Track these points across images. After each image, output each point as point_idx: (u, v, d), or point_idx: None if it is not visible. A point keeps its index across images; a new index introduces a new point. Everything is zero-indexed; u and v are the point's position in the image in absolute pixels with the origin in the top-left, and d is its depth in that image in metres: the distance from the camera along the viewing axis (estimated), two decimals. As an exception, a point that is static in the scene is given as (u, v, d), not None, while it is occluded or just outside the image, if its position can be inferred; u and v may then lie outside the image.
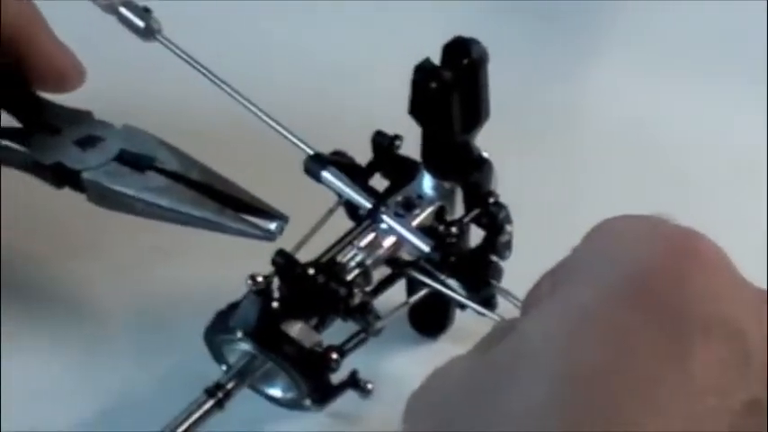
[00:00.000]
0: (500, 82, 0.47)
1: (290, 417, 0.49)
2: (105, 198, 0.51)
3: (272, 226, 0.49)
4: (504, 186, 0.49)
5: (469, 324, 0.48)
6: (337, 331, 0.47)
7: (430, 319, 0.54)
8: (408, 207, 0.49)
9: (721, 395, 0.31)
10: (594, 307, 0.33)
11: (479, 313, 0.47)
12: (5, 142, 0.52)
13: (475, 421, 0.33)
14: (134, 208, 0.50)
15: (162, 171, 0.51)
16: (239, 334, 0.46)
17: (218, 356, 0.48)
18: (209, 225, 0.50)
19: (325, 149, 0.50)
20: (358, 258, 0.47)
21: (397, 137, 0.50)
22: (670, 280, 0.33)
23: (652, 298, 0.32)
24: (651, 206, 0.36)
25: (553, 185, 0.61)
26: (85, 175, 0.51)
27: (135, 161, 0.51)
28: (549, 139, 0.64)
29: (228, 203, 0.50)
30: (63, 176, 0.51)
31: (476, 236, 0.50)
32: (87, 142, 0.52)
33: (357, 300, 0.46)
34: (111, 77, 0.57)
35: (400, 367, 0.53)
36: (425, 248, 0.47)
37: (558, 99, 0.65)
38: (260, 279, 0.45)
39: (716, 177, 0.62)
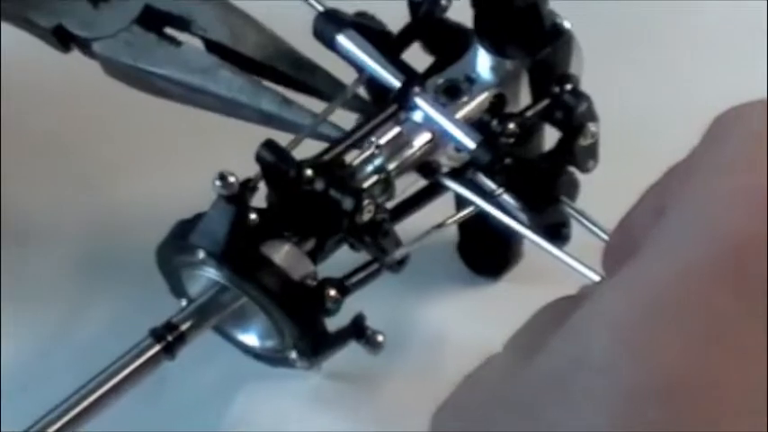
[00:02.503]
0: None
1: (279, 376, 0.43)
2: (125, 75, 0.43)
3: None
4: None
5: (543, 259, 0.40)
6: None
7: (488, 252, 0.47)
8: (453, 93, 0.41)
9: None
10: (677, 291, 0.28)
11: (543, 249, 0.39)
12: None
13: None
14: (164, 91, 0.42)
15: (203, 40, 0.42)
16: (201, 255, 0.38)
17: (176, 286, 0.41)
18: (266, 120, 0.42)
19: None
20: (376, 161, 0.40)
21: (444, -5, 0.42)
22: None
23: (753, 279, 0.27)
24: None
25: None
26: (97, 48, 0.42)
27: (164, 23, 0.42)
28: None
29: (291, 86, 0.42)
30: (68, 42, 0.43)
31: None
32: None
33: (367, 216, 0.39)
34: None
35: (443, 317, 0.47)
36: (470, 144, 0.39)
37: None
38: (232, 179, 0.36)
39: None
